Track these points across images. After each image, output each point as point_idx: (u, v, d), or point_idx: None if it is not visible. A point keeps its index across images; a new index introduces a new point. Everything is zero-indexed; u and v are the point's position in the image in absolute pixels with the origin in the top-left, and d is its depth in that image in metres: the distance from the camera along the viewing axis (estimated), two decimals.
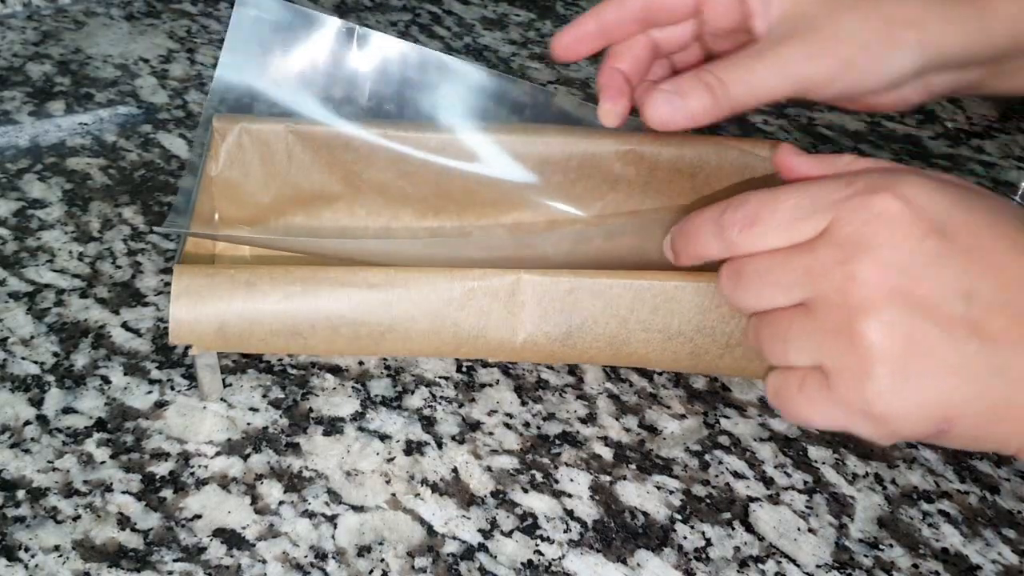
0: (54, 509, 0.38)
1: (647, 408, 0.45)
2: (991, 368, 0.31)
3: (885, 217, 0.31)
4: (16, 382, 0.43)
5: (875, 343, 0.31)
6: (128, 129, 0.60)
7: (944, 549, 0.41)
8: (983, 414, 0.31)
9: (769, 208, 0.34)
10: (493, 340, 0.42)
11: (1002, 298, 0.31)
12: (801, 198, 0.33)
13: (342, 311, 0.40)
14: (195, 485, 0.40)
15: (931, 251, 0.31)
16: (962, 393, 0.31)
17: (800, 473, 0.43)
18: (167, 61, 0.67)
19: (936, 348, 0.31)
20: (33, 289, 0.48)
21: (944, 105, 0.74)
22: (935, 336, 0.31)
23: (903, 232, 0.31)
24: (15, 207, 0.53)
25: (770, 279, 0.34)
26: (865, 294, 0.31)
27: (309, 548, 0.38)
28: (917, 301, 0.31)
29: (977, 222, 0.32)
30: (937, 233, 0.31)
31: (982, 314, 0.31)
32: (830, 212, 0.32)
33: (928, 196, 0.32)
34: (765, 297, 0.34)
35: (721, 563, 0.39)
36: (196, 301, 0.39)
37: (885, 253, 0.31)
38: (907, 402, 0.31)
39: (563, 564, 0.38)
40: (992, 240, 0.31)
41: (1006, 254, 0.31)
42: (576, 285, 0.41)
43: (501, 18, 0.78)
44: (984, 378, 0.31)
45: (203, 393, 0.43)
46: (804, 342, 0.33)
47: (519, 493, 0.41)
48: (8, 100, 0.61)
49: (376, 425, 0.43)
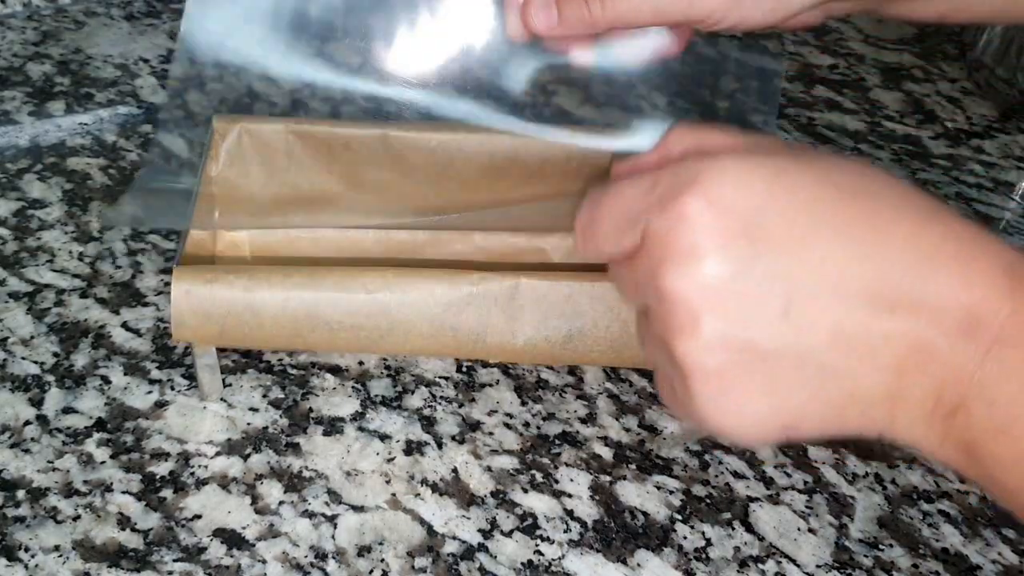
0: (54, 509, 0.38)
1: (647, 408, 0.45)
2: (824, 366, 0.28)
3: (688, 224, 0.29)
4: (16, 382, 0.43)
5: (690, 367, 0.29)
6: (128, 129, 0.60)
7: (944, 549, 0.41)
8: (826, 411, 0.29)
9: (595, 224, 0.33)
10: (492, 344, 0.42)
11: (826, 291, 0.28)
12: (617, 207, 0.32)
13: (340, 316, 0.40)
14: (195, 485, 0.40)
15: (740, 256, 0.28)
16: (797, 398, 0.29)
17: (800, 473, 0.43)
18: (167, 61, 0.67)
19: (759, 357, 0.29)
20: (33, 289, 0.48)
21: (944, 105, 0.74)
22: (755, 346, 0.29)
23: (708, 239, 0.29)
24: (15, 207, 0.53)
25: (620, 287, 0.33)
26: (677, 313, 0.29)
27: (309, 548, 0.38)
28: (731, 314, 0.29)
29: (794, 210, 0.29)
30: (745, 235, 0.28)
31: (806, 315, 0.28)
32: (642, 220, 0.30)
33: (735, 191, 0.29)
34: (631, 300, 0.33)
35: (721, 563, 0.39)
36: (197, 302, 0.39)
37: (689, 268, 0.29)
38: (738, 418, 0.30)
39: (563, 564, 0.38)
40: (811, 227, 0.29)
41: (828, 242, 0.28)
42: (576, 290, 0.41)
43: None
44: (819, 379, 0.29)
45: (203, 393, 0.43)
46: (652, 349, 0.32)
47: (519, 493, 0.41)
48: (8, 100, 0.61)
49: (376, 425, 0.43)
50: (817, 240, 0.28)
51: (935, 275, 0.28)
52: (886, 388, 0.28)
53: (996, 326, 0.27)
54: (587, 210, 0.33)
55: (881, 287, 0.28)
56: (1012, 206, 0.63)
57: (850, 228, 0.28)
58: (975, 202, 0.63)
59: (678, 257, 0.29)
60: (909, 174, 0.65)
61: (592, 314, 0.41)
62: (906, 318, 0.28)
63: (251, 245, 0.48)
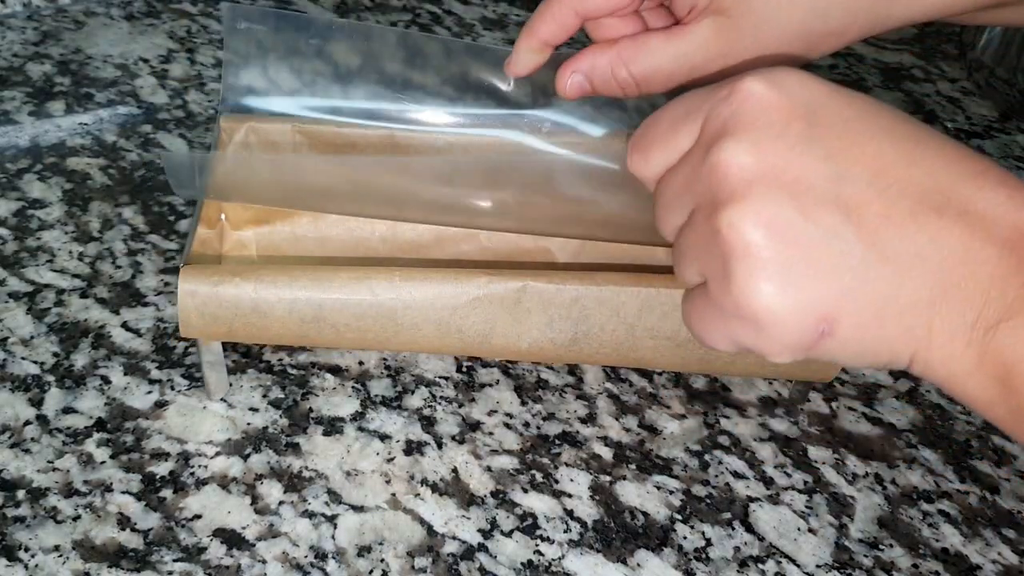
0: (54, 509, 0.38)
1: (647, 408, 0.45)
2: (869, 258, 0.28)
3: (751, 101, 0.29)
4: (16, 382, 0.43)
5: (732, 235, 0.28)
6: (128, 129, 0.60)
7: (944, 549, 0.41)
8: (866, 311, 0.28)
9: (652, 129, 0.33)
10: (497, 345, 0.42)
11: (878, 183, 0.28)
12: (675, 108, 0.32)
13: (347, 319, 0.40)
14: (195, 485, 0.40)
15: (799, 134, 0.29)
16: (839, 286, 0.28)
17: (800, 473, 0.43)
18: (167, 61, 0.67)
19: (804, 236, 0.28)
20: (33, 289, 0.48)
21: (944, 105, 0.74)
22: (802, 223, 0.28)
23: (770, 115, 0.29)
24: (15, 207, 0.53)
25: (665, 200, 0.32)
26: (728, 183, 0.29)
27: (309, 548, 0.38)
28: (783, 185, 0.28)
29: (850, 111, 0.30)
30: (805, 118, 0.29)
31: (856, 198, 0.28)
32: (702, 110, 0.31)
33: (799, 83, 0.30)
34: (670, 220, 0.32)
35: (721, 563, 0.39)
36: (203, 302, 0.39)
37: (749, 136, 0.29)
38: (776, 299, 0.28)
39: (563, 564, 0.38)
40: (865, 128, 0.29)
41: (881, 142, 0.29)
42: (582, 293, 0.41)
43: (501, 18, 0.78)
44: (862, 269, 0.28)
45: (209, 391, 0.43)
46: (689, 256, 0.31)
47: (519, 493, 0.41)
48: (8, 100, 0.61)
49: (376, 425, 0.43)
50: (871, 139, 0.29)
51: (983, 191, 0.28)
52: (929, 293, 0.28)
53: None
54: (644, 123, 0.33)
55: (931, 189, 0.28)
56: None
57: (902, 139, 0.29)
58: None
59: (738, 129, 0.29)
60: None
61: (598, 317, 0.41)
62: (955, 221, 0.27)
63: (257, 244, 0.48)
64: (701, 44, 0.38)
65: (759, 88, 0.29)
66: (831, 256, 0.28)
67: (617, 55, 0.40)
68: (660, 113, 0.33)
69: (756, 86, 0.29)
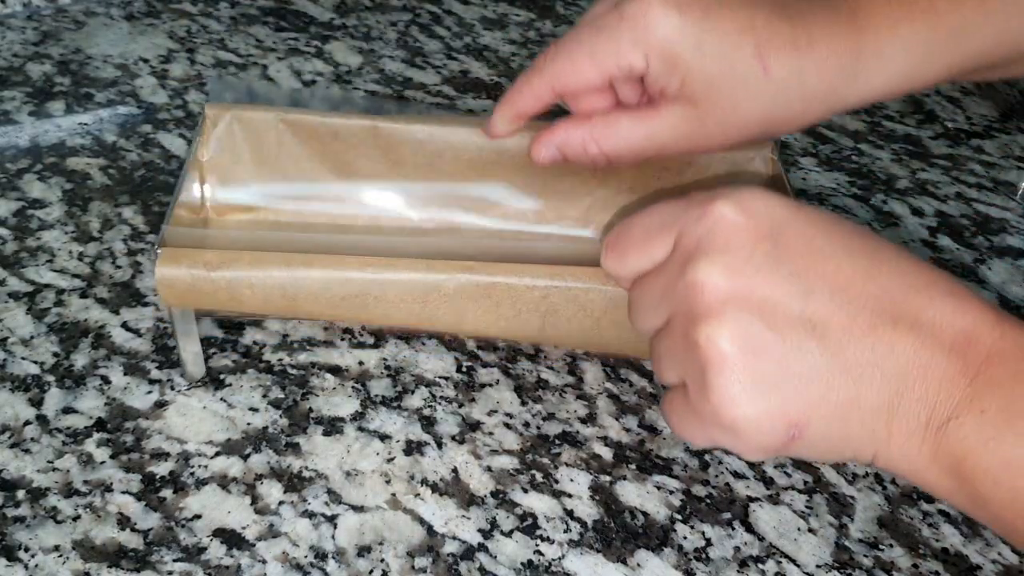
0: (54, 509, 0.38)
1: (647, 408, 0.45)
2: (833, 368, 0.31)
3: (722, 224, 0.32)
4: (16, 382, 0.43)
5: (710, 350, 0.31)
6: (128, 129, 0.60)
7: (944, 549, 0.41)
8: (831, 416, 0.31)
9: (626, 235, 0.36)
10: (469, 331, 0.44)
11: (839, 299, 0.31)
12: (650, 218, 0.35)
13: (321, 311, 0.41)
14: (195, 485, 0.40)
15: (766, 255, 0.32)
16: (806, 395, 0.31)
17: (800, 473, 0.43)
18: (167, 61, 0.67)
19: (775, 350, 0.31)
20: (33, 289, 0.48)
21: (944, 105, 0.74)
22: (773, 339, 0.31)
23: (739, 237, 0.32)
24: (15, 207, 0.53)
25: (643, 304, 0.35)
26: (703, 300, 0.32)
27: (309, 548, 0.38)
28: (754, 304, 0.31)
29: (812, 230, 0.32)
30: (771, 239, 0.32)
31: (820, 313, 0.31)
32: (675, 227, 0.34)
33: (765, 205, 0.33)
34: (647, 321, 0.35)
35: (721, 563, 0.39)
36: (179, 286, 0.40)
37: (721, 258, 0.32)
38: (751, 408, 0.31)
39: (563, 564, 0.38)
40: (825, 246, 0.32)
41: (840, 259, 0.32)
42: (551, 291, 0.42)
43: (501, 18, 0.78)
44: (827, 378, 0.31)
45: (185, 368, 0.43)
46: (668, 359, 0.34)
47: (519, 493, 0.41)
48: (8, 100, 0.61)
49: (376, 425, 0.43)
50: (831, 257, 0.32)
51: (932, 301, 0.31)
52: (887, 398, 0.31)
53: (986, 346, 0.30)
54: (618, 226, 0.37)
55: (887, 302, 0.31)
56: (1012, 206, 0.63)
57: (860, 255, 0.32)
58: (975, 202, 0.63)
59: (710, 251, 0.32)
60: (909, 174, 0.65)
61: (565, 312, 0.42)
62: (908, 331, 0.30)
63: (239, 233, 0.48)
64: (668, 128, 0.41)
65: (729, 212, 0.32)
66: (799, 368, 0.31)
67: (589, 132, 0.42)
68: (635, 219, 0.36)
69: (726, 209, 0.32)
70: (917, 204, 0.62)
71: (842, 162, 0.66)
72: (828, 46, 0.40)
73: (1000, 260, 0.58)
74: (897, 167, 0.66)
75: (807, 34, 0.40)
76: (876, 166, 0.66)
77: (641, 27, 0.39)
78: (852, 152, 0.67)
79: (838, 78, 0.40)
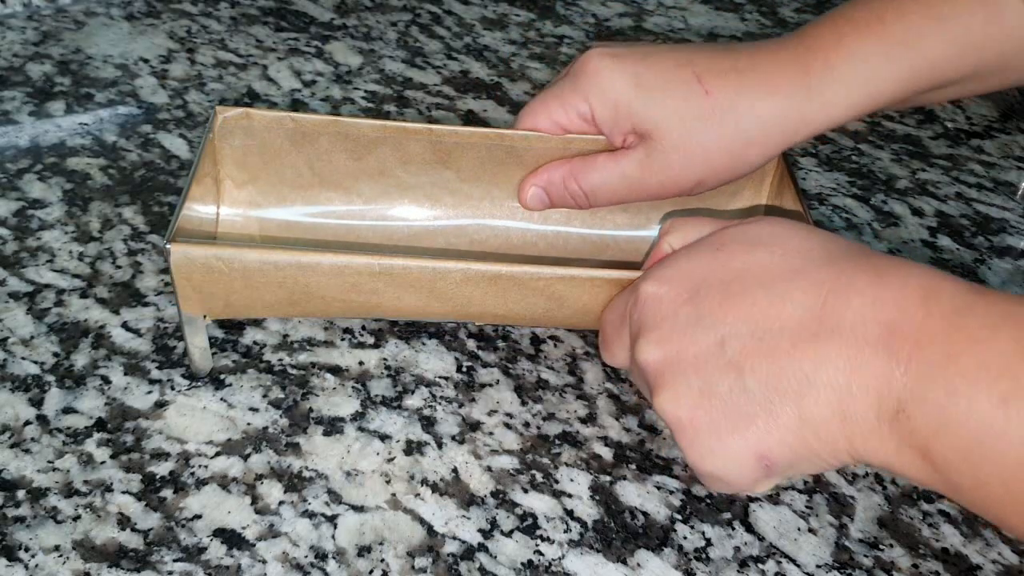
0: (54, 509, 0.38)
1: (647, 408, 0.45)
2: (770, 396, 0.32)
3: (648, 303, 0.36)
4: (16, 382, 0.43)
5: (667, 417, 0.34)
6: (128, 129, 0.60)
7: (944, 549, 0.41)
8: (787, 439, 0.32)
9: (603, 333, 0.40)
10: (474, 315, 0.43)
11: (757, 332, 0.33)
12: (611, 314, 0.40)
13: (334, 297, 0.41)
14: (195, 485, 0.40)
15: (688, 316, 0.34)
16: (758, 429, 0.33)
17: None
18: (167, 61, 0.67)
19: (716, 400, 0.33)
20: (33, 289, 0.48)
21: (944, 105, 0.74)
22: (711, 390, 0.33)
23: (663, 309, 0.35)
24: (15, 207, 0.53)
25: (636, 382, 0.39)
26: (650, 376, 0.35)
27: (309, 548, 0.38)
28: (688, 365, 0.34)
29: (728, 273, 0.35)
30: (690, 301, 0.35)
31: (742, 352, 0.33)
32: (626, 315, 0.38)
33: (687, 264, 0.36)
34: (646, 395, 0.37)
35: (721, 563, 0.39)
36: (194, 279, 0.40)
37: (653, 334, 0.35)
38: (717, 460, 0.33)
39: (563, 564, 0.38)
40: (740, 285, 0.34)
41: (755, 293, 0.33)
42: (554, 282, 0.42)
43: (501, 18, 0.78)
44: (768, 407, 0.32)
45: (192, 363, 0.43)
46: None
47: (519, 493, 0.41)
48: (8, 100, 0.61)
49: (376, 425, 0.43)
50: (746, 294, 0.34)
51: (851, 301, 0.32)
52: (834, 407, 0.31)
53: (912, 332, 0.30)
54: (600, 326, 0.41)
55: (805, 318, 0.32)
56: (1012, 206, 0.63)
57: (776, 280, 0.34)
58: (975, 202, 0.63)
59: (644, 330, 0.36)
60: (909, 174, 0.65)
61: (570, 299, 0.42)
62: (829, 340, 0.31)
63: (248, 227, 0.49)
64: (636, 164, 0.44)
65: (651, 288, 0.36)
66: (744, 407, 0.33)
67: (569, 169, 0.46)
68: (604, 317, 0.40)
69: (648, 288, 0.36)
70: (917, 204, 0.62)
71: (842, 162, 0.66)
72: (772, 63, 0.42)
73: (1000, 260, 0.58)
74: (897, 167, 0.66)
75: (749, 59, 0.42)
76: (876, 166, 0.66)
77: (582, 77, 0.44)
78: (852, 152, 0.67)
79: (790, 98, 0.42)
